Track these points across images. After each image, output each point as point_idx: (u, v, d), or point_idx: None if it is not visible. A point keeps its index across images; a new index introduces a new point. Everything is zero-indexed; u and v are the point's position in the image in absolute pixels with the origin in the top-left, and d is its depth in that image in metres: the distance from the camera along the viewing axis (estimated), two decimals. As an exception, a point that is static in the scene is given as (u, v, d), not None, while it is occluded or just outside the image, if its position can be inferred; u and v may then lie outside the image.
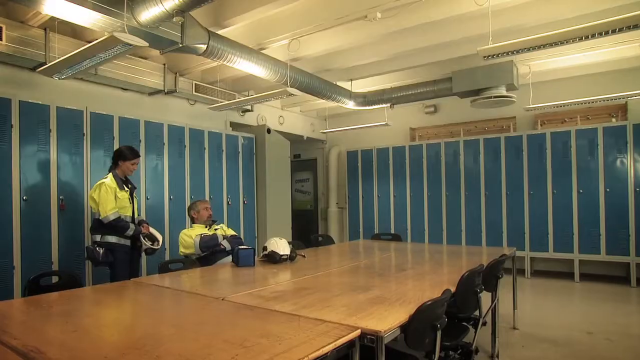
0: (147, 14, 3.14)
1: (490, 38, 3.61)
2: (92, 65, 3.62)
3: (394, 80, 6.23)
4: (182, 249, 3.73)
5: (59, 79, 3.99)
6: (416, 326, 1.68)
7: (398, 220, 7.27)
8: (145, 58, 5.13)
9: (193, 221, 3.94)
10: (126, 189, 3.56)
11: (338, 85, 5.85)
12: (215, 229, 3.93)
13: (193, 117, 5.99)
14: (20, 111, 3.80)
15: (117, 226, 3.41)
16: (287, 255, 3.09)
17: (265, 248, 3.16)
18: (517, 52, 3.50)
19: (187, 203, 5.24)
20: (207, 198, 5.40)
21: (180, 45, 3.62)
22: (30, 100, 3.89)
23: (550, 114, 6.40)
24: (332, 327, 1.54)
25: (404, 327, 1.64)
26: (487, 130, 6.95)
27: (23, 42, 3.93)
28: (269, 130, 6.53)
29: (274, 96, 4.96)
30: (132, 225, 3.50)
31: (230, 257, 3.29)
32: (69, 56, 3.42)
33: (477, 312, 2.48)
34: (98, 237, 3.43)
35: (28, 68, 4.18)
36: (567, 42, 3.28)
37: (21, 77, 4.23)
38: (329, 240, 4.59)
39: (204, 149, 5.60)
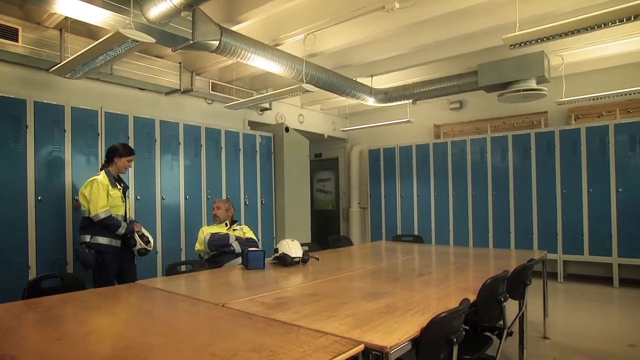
0: (155, 10, 3.09)
1: (518, 25, 3.36)
2: (104, 64, 3.60)
3: (416, 75, 6.01)
4: (196, 244, 3.75)
5: (72, 78, 4.00)
6: (428, 341, 1.50)
7: (422, 220, 7.02)
8: (161, 57, 5.10)
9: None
10: (119, 187, 3.44)
11: (358, 82, 5.67)
12: (235, 230, 3.87)
13: (210, 116, 5.94)
14: (35, 112, 3.81)
15: (108, 224, 3.25)
16: (299, 257, 2.97)
17: (276, 250, 3.05)
18: (547, 39, 3.24)
19: (204, 203, 5.22)
20: (223, 197, 5.34)
21: (192, 42, 3.55)
22: (44, 101, 3.90)
23: (586, 107, 6.00)
24: (332, 340, 1.39)
25: (416, 341, 1.47)
26: (516, 126, 6.59)
27: (39, 43, 3.96)
28: (287, 129, 6.42)
29: (289, 93, 4.84)
30: (123, 224, 3.35)
31: (239, 259, 3.19)
32: (78, 55, 3.41)
33: (502, 322, 2.27)
34: (87, 238, 3.27)
35: (44, 69, 4.20)
36: (603, 26, 2.99)
37: (37, 78, 4.26)
38: (346, 242, 4.43)
39: (221, 148, 5.53)
